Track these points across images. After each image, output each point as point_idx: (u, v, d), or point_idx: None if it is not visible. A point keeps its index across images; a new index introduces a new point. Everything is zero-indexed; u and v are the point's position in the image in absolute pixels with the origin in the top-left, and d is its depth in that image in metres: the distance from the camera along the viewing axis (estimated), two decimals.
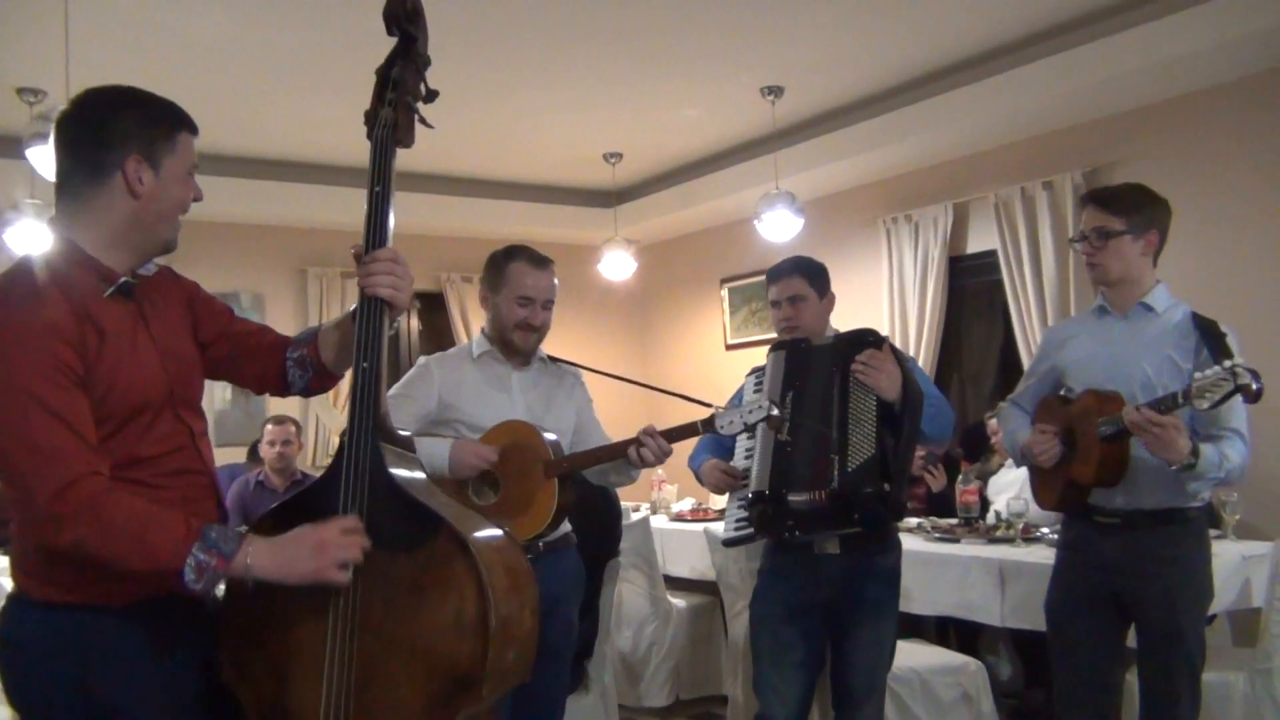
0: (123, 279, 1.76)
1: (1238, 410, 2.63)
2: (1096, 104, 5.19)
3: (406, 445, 1.85)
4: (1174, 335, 2.72)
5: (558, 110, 5.88)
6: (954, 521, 4.45)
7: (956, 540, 4.14)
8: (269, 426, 5.15)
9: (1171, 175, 5.06)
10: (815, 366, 2.86)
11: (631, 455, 2.67)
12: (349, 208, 6.78)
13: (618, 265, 7.01)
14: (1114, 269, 2.77)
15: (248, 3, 4.34)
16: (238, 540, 1.68)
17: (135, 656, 1.71)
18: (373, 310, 1.80)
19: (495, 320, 2.90)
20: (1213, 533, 3.80)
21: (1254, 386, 2.37)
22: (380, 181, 1.83)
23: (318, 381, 1.98)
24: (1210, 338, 2.62)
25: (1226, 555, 3.62)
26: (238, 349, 1.98)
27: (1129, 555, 2.73)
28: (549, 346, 3.03)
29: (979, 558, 3.83)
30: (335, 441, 7.11)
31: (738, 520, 2.88)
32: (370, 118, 1.88)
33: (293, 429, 5.09)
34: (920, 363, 6.13)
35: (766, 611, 2.98)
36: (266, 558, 1.68)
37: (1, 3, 4.22)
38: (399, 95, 1.87)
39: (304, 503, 1.80)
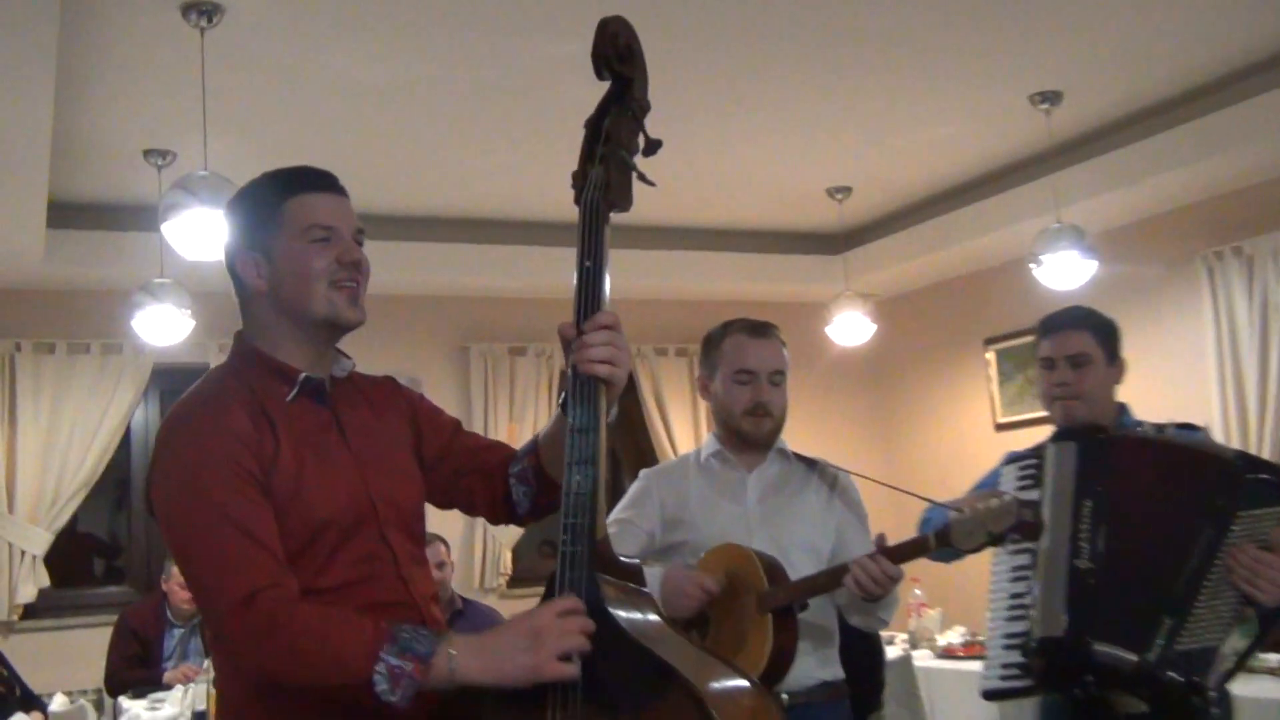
0: (304, 374, 1.88)
1: None
2: None
3: (633, 576, 1.83)
4: None
5: (770, 136, 5.65)
6: None
7: None
8: None
9: None
10: (1144, 478, 2.67)
11: (848, 582, 2.59)
12: (516, 271, 6.88)
13: (850, 327, 6.70)
14: None
15: (401, 40, 4.31)
16: (434, 640, 1.68)
17: None
18: (586, 393, 1.78)
19: (719, 410, 2.92)
20: None
21: None
22: (592, 255, 1.81)
23: (544, 498, 2.01)
24: None
25: None
26: (465, 467, 2.06)
27: None
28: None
29: None
30: (507, 557, 7.10)
31: (1005, 665, 2.70)
32: (579, 178, 1.87)
33: (442, 549, 4.63)
34: (1266, 444, 5.78)
35: None
36: (473, 657, 1.69)
37: (130, 68, 4.41)
38: (611, 150, 1.85)
39: None
